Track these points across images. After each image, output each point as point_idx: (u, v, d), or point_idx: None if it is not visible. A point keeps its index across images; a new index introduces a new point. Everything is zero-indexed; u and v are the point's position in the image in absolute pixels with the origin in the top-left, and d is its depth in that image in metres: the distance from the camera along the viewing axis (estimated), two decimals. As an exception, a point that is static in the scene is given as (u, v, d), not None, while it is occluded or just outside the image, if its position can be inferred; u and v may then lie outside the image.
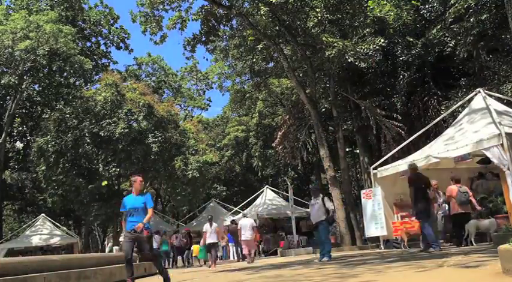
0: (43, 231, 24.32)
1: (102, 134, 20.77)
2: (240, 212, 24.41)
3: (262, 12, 16.06)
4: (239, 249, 16.62)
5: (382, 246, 13.51)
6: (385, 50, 18.03)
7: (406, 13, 16.63)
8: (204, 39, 18.37)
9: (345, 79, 21.33)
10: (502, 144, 9.46)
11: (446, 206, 11.17)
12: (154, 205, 37.35)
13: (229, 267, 12.53)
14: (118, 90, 22.05)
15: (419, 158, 12.06)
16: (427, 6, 18.30)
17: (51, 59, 23.42)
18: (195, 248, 18.05)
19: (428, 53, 18.16)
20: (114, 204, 21.69)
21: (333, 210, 10.61)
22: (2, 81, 22.88)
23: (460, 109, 13.58)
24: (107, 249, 25.31)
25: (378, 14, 16.38)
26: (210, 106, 42.53)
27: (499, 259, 4.38)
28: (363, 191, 14.62)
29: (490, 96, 12.00)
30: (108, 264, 9.99)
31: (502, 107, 11.57)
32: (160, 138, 21.52)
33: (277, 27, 18.17)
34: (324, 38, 16.14)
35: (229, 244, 19.72)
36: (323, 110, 23.12)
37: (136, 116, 21.54)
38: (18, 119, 28.57)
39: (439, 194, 11.37)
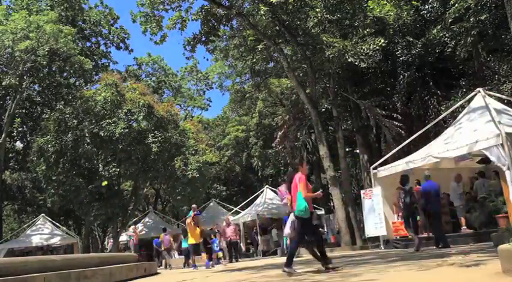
0: (43, 231, 24.30)
1: (102, 134, 20.76)
2: (240, 212, 24.42)
3: (262, 12, 16.08)
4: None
5: (382, 246, 13.51)
6: (385, 50, 18.04)
7: (406, 13, 16.64)
8: (204, 39, 18.39)
9: (345, 79, 21.34)
10: (501, 144, 9.47)
11: None
12: (154, 205, 37.28)
13: (229, 267, 12.52)
14: (118, 90, 22.04)
15: (419, 158, 12.07)
16: (427, 6, 18.31)
17: (51, 59, 23.41)
18: None
19: (429, 53, 18.17)
20: (114, 204, 21.69)
21: None
22: (3, 82, 22.88)
23: (460, 109, 13.59)
24: (107, 249, 25.31)
25: (378, 14, 16.39)
26: (210, 106, 42.55)
27: (499, 259, 4.38)
28: (362, 191, 14.63)
29: (490, 96, 12.01)
30: (108, 264, 9.99)
31: (502, 107, 11.58)
32: (160, 138, 21.51)
33: (277, 27, 18.19)
34: (324, 38, 16.16)
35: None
36: (323, 110, 23.12)
37: (136, 116, 21.52)
38: (18, 119, 28.55)
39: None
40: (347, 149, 24.38)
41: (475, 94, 12.04)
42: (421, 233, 12.99)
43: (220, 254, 17.06)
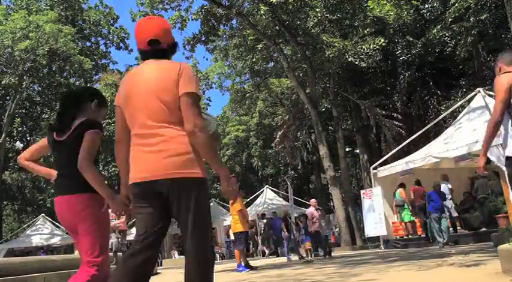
0: (43, 231, 24.31)
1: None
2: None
3: (262, 12, 16.07)
4: None
5: (382, 246, 13.50)
6: (385, 50, 18.04)
7: (406, 13, 16.64)
8: (204, 39, 18.39)
9: (345, 79, 21.33)
10: (501, 144, 9.45)
11: None
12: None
13: (229, 267, 12.50)
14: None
15: (419, 158, 12.07)
16: (427, 6, 18.31)
17: (51, 59, 23.42)
18: None
19: (429, 52, 18.18)
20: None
21: None
22: (3, 82, 22.88)
23: (460, 109, 13.59)
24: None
25: (378, 14, 16.38)
26: (210, 106, 42.49)
27: (499, 259, 4.39)
28: (362, 191, 14.63)
29: (490, 96, 12.00)
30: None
31: (502, 107, 11.56)
32: (160, 138, 21.59)
33: (277, 27, 18.18)
34: (324, 38, 16.16)
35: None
36: (323, 110, 23.13)
37: (136, 116, 21.59)
38: (18, 119, 28.56)
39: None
40: (347, 149, 24.37)
41: (475, 94, 12.03)
42: (422, 232, 13.01)
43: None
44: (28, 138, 29.30)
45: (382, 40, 16.25)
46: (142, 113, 2.21)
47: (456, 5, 15.55)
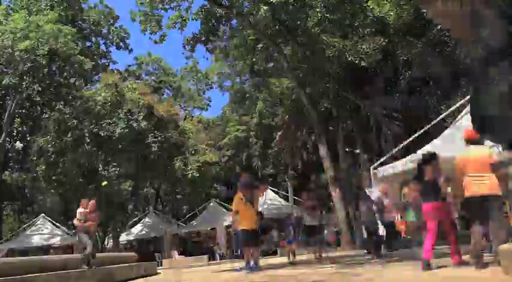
0: (43, 231, 24.29)
1: (102, 134, 20.80)
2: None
3: (262, 12, 16.09)
4: None
5: (382, 246, 13.48)
6: (385, 50, 18.04)
7: (406, 13, 16.63)
8: (203, 39, 18.39)
9: (345, 79, 21.33)
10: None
11: None
12: (154, 205, 36.99)
13: (229, 267, 12.49)
14: (118, 91, 22.07)
15: (419, 157, 12.05)
16: (427, 5, 18.31)
17: (51, 59, 23.39)
18: None
19: (429, 52, 18.17)
20: (114, 204, 21.68)
21: None
22: (3, 82, 22.87)
23: (460, 109, 13.58)
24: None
25: (378, 14, 16.38)
26: (210, 106, 42.52)
27: (499, 259, 4.38)
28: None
29: (490, 95, 11.98)
30: (108, 264, 9.99)
31: (502, 107, 11.56)
32: (160, 138, 21.55)
33: (277, 27, 18.18)
34: (324, 38, 16.18)
35: None
36: (323, 109, 23.12)
37: (136, 116, 21.56)
38: (18, 119, 28.54)
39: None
40: (347, 149, 24.37)
41: (475, 94, 12.00)
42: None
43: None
44: (28, 138, 29.27)
45: (382, 40, 16.25)
46: (475, 168, 5.56)
47: (456, 4, 15.53)
